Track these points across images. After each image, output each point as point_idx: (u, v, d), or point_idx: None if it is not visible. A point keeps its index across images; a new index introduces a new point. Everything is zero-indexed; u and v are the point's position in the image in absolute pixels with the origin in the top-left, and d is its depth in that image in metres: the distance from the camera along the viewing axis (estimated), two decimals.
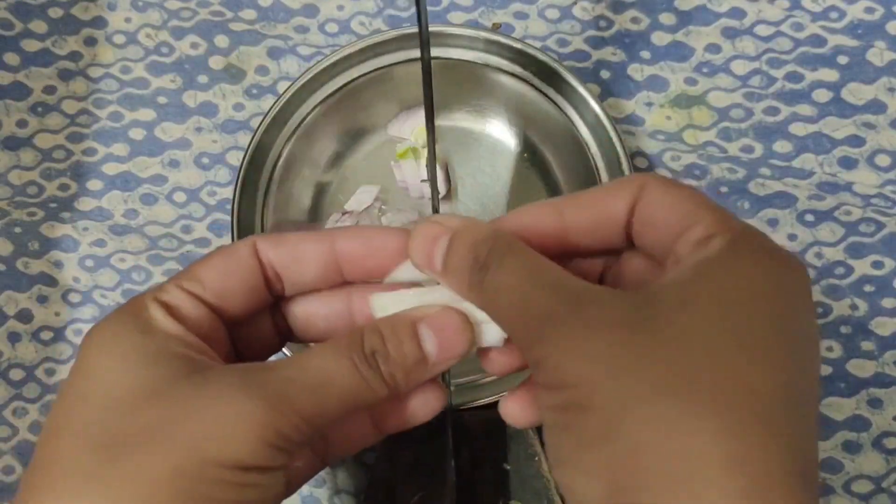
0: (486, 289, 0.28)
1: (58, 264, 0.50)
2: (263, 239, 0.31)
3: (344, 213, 0.50)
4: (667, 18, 0.53)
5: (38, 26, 0.55)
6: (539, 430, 0.42)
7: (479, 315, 0.30)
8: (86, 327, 0.45)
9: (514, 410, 0.30)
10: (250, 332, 0.33)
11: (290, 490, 0.31)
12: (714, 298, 0.25)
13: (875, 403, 0.46)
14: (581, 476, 0.25)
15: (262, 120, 0.48)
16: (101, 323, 0.30)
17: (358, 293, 0.33)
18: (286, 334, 0.34)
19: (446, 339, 0.29)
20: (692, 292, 0.26)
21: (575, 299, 0.26)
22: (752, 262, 0.26)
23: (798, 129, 0.50)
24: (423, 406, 0.32)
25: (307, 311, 0.33)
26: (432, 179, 0.35)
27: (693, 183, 0.50)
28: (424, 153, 0.49)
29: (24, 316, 0.50)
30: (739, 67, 0.52)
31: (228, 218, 0.48)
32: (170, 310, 0.29)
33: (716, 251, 0.26)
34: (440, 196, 0.50)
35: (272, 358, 0.34)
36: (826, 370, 0.46)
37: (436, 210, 0.37)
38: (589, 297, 0.26)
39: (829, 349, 0.47)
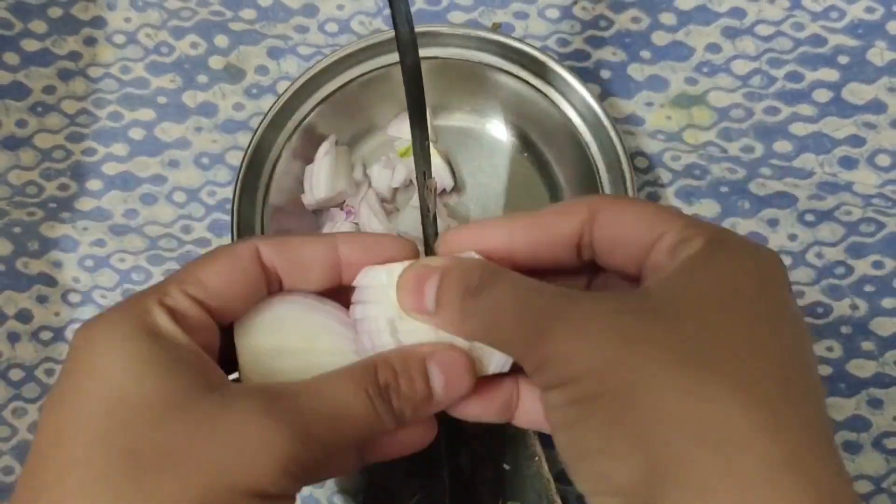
0: (482, 310, 0.28)
1: (57, 264, 0.50)
2: (265, 243, 0.31)
3: (346, 210, 0.50)
4: (667, 18, 0.53)
5: (38, 26, 0.54)
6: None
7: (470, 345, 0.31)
8: None
9: (463, 405, 0.31)
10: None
11: None
12: (707, 287, 0.26)
13: (875, 404, 0.46)
14: (612, 461, 0.25)
15: (262, 120, 0.48)
16: (101, 322, 0.29)
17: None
18: None
19: (453, 379, 0.30)
20: (684, 284, 0.27)
21: (571, 297, 0.27)
22: (733, 256, 0.27)
23: (798, 128, 0.50)
24: (412, 439, 0.32)
25: None
26: (417, 166, 0.35)
27: (693, 183, 0.50)
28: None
29: (24, 316, 0.50)
30: (740, 67, 0.52)
31: (228, 218, 0.48)
32: (175, 315, 0.29)
33: (696, 250, 0.27)
34: (448, 191, 0.50)
35: None
36: (826, 370, 0.46)
37: (427, 237, 0.37)
38: (584, 296, 0.27)
39: (830, 349, 0.47)
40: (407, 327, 0.31)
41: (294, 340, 0.31)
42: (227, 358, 0.32)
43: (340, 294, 0.33)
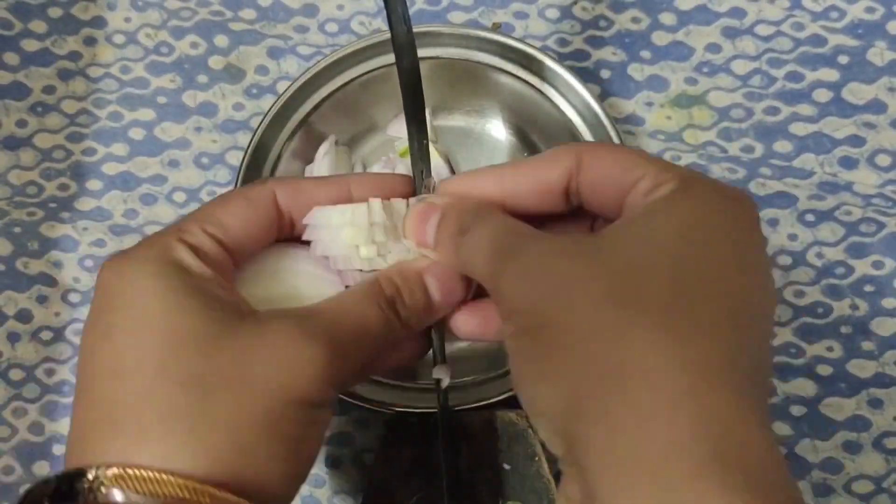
0: (465, 246, 0.31)
1: (57, 264, 0.50)
2: (281, 186, 0.33)
3: None
4: (667, 18, 0.53)
5: (38, 26, 0.55)
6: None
7: None
8: None
9: (462, 323, 0.34)
10: None
11: None
12: (661, 229, 0.28)
13: (875, 404, 0.46)
14: (540, 387, 0.27)
15: (262, 120, 0.48)
16: (128, 258, 0.30)
17: None
18: None
19: (448, 286, 0.33)
20: (639, 225, 0.28)
21: (528, 237, 0.30)
22: (702, 199, 0.28)
23: (798, 128, 0.50)
24: (410, 351, 0.35)
25: None
26: (415, 166, 0.36)
27: None
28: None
29: (24, 316, 0.50)
30: (740, 67, 0.52)
31: None
32: (198, 252, 0.30)
33: (665, 193, 0.28)
34: None
35: None
36: (826, 370, 0.46)
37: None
38: (539, 236, 0.30)
39: (830, 349, 0.47)
40: (364, 265, 0.34)
41: (281, 288, 0.33)
42: None
43: None
